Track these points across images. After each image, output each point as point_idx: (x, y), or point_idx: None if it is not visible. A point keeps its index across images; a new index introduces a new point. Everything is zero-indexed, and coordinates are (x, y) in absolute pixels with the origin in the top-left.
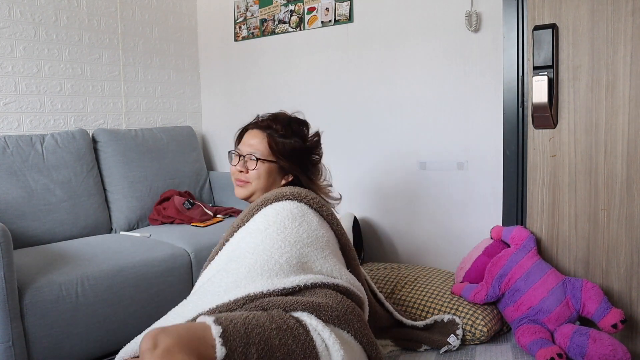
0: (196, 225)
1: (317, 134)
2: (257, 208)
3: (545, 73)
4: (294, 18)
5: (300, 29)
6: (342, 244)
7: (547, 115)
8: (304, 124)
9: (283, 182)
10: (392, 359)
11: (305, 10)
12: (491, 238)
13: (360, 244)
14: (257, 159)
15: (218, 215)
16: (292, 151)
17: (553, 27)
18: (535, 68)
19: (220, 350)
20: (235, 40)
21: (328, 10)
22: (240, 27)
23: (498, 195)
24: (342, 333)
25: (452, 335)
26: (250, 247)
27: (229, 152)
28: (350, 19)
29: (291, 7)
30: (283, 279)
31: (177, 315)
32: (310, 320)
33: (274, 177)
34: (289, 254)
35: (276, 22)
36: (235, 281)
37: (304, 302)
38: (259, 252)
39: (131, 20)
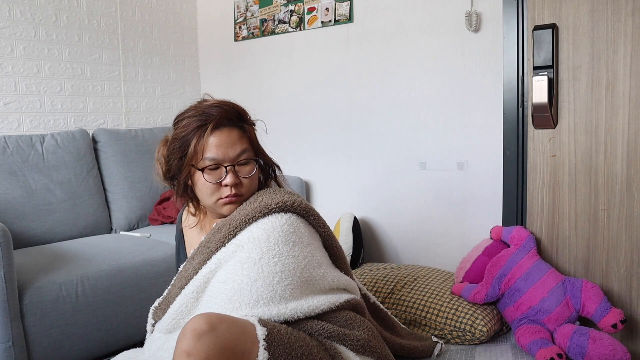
0: None
1: None
2: (239, 227)
3: (545, 73)
4: (294, 18)
5: (300, 29)
6: (328, 246)
7: (547, 115)
8: None
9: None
10: None
11: (305, 10)
12: (491, 238)
13: (360, 244)
14: (255, 160)
15: None
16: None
17: (553, 27)
18: (535, 68)
19: (262, 355)
20: (235, 40)
21: (328, 10)
22: (240, 27)
23: (498, 195)
24: (368, 359)
25: (432, 336)
26: (246, 283)
27: (202, 169)
28: (350, 19)
29: (291, 7)
30: (292, 302)
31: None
32: (340, 347)
33: (257, 179)
34: (292, 285)
35: (276, 22)
36: (237, 309)
37: (330, 329)
38: (259, 288)
39: (131, 20)
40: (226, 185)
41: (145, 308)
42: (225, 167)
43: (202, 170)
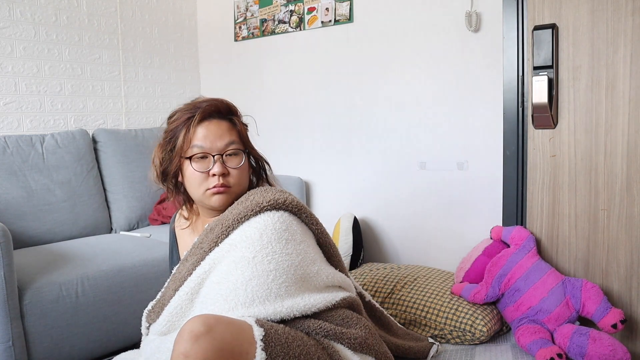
0: None
1: None
2: (232, 226)
3: (545, 73)
4: (294, 18)
5: (300, 29)
6: (322, 243)
7: (547, 115)
8: None
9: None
10: None
11: (305, 10)
12: (491, 238)
13: (361, 244)
14: (244, 152)
15: None
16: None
17: (553, 27)
18: (535, 68)
19: (259, 355)
20: (235, 40)
21: (328, 10)
22: (240, 27)
23: (498, 195)
24: (366, 357)
25: (429, 337)
26: (240, 282)
27: (190, 157)
28: (350, 19)
29: (291, 7)
30: (288, 300)
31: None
32: (337, 346)
33: (248, 174)
34: (286, 283)
35: (276, 22)
36: (232, 309)
37: (327, 328)
38: (254, 287)
39: (131, 20)
40: (214, 175)
41: (145, 308)
42: (213, 157)
43: (190, 158)
